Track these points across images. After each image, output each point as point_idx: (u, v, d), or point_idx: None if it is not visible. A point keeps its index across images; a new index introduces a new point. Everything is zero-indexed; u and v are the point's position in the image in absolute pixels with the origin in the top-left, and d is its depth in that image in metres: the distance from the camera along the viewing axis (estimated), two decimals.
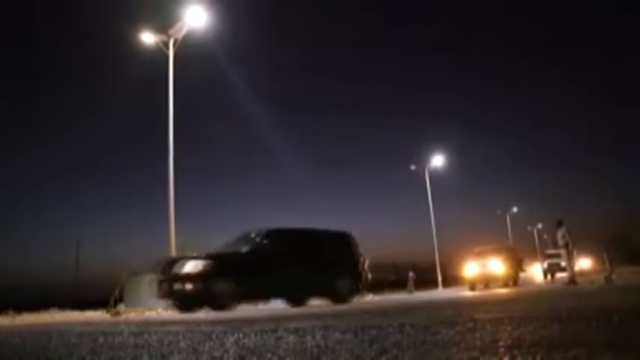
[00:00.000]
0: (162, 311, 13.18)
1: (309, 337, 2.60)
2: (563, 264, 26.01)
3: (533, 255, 48.18)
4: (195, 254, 10.20)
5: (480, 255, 19.66)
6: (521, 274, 21.86)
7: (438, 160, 35.89)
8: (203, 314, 8.40)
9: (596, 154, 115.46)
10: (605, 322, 2.50)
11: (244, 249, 10.00)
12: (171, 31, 16.58)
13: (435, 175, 36.60)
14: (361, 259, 11.73)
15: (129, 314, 12.81)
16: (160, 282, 9.73)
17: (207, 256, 9.51)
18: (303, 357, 1.97)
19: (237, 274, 9.32)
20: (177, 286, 9.18)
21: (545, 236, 54.54)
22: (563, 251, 15.25)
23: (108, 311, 15.51)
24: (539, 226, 61.70)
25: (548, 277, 29.13)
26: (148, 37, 16.64)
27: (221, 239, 11.57)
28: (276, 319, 4.55)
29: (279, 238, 10.45)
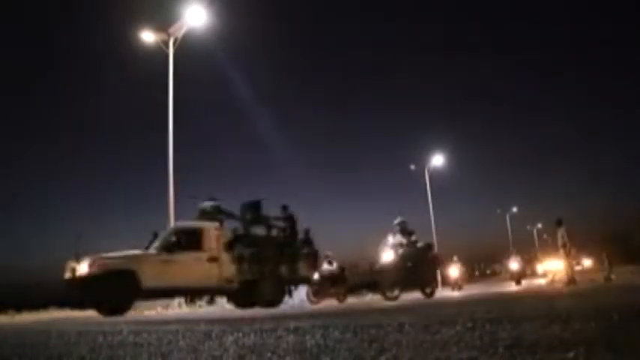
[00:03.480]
0: (161, 310, 13.18)
1: (308, 337, 2.59)
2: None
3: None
4: None
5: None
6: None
7: (437, 160, 35.86)
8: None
9: (596, 153, 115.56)
10: (605, 322, 2.50)
11: None
12: (171, 30, 16.56)
13: (435, 175, 36.57)
14: None
15: (128, 313, 12.76)
16: None
17: None
18: (303, 356, 1.96)
19: None
20: None
21: (545, 236, 54.42)
22: (561, 251, 15.28)
23: None
24: (539, 225, 61.57)
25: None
26: (148, 36, 16.62)
27: None
28: (276, 319, 4.55)
29: None
